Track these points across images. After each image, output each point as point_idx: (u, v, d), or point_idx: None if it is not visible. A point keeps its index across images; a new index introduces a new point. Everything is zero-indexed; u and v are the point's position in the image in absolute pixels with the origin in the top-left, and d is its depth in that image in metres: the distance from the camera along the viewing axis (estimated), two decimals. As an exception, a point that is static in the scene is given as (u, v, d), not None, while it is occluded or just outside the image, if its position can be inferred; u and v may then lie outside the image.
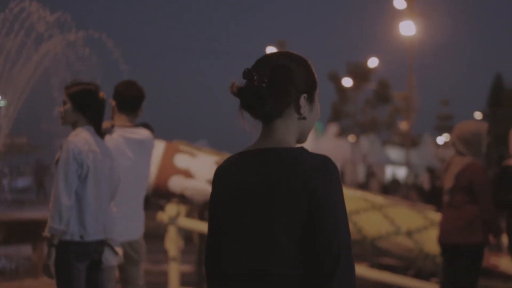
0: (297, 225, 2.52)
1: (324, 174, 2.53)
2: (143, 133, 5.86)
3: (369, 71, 46.24)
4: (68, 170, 4.92)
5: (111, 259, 5.17)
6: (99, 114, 5.20)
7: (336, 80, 48.64)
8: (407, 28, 32.77)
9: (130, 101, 5.83)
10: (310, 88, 2.67)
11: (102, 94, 5.20)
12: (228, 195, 2.65)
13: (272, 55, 2.69)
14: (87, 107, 5.14)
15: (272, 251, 2.53)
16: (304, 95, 2.64)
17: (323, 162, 2.54)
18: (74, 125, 5.16)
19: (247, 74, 2.60)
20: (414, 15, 32.41)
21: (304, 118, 2.66)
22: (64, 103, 5.17)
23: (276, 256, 2.53)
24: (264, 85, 2.58)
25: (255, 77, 2.58)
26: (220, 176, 2.71)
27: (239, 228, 2.61)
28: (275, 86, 2.59)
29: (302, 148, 2.62)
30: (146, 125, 5.98)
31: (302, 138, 2.72)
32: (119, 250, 5.23)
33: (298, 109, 2.63)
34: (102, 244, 5.09)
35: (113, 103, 5.84)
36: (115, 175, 5.35)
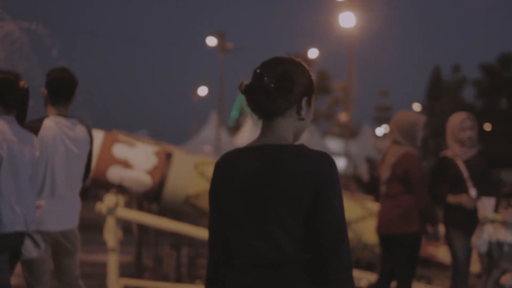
0: (303, 213, 2.77)
1: (325, 167, 2.82)
2: (78, 130, 5.77)
3: (309, 62, 46.41)
4: None
5: (32, 251, 5.10)
6: (20, 104, 5.11)
7: (277, 71, 48.49)
8: (347, 20, 32.96)
9: (62, 89, 5.72)
10: (310, 92, 2.96)
11: (22, 83, 5.10)
12: (234, 187, 2.86)
13: (279, 59, 2.96)
14: (5, 97, 5.04)
15: (283, 239, 2.77)
16: (306, 97, 2.94)
17: (324, 157, 2.83)
18: None
19: (258, 74, 2.89)
20: (353, 7, 32.61)
21: (302, 119, 2.94)
22: None
23: (286, 243, 2.77)
24: (272, 85, 2.85)
25: (265, 78, 2.86)
26: (223, 170, 2.93)
27: (249, 218, 2.82)
28: (282, 87, 2.87)
29: (303, 144, 2.88)
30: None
31: (296, 138, 2.99)
32: (41, 242, 5.17)
33: (299, 110, 2.92)
34: (22, 235, 5.01)
35: (45, 91, 5.75)
36: (41, 164, 5.29)
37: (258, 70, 2.91)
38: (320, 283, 2.78)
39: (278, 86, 2.86)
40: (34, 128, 5.44)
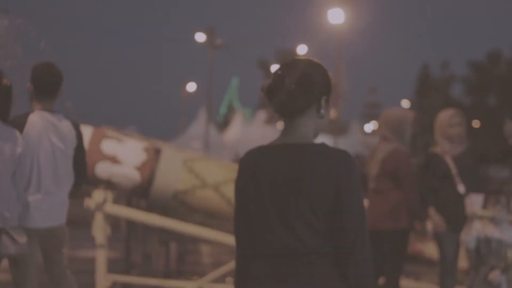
0: (325, 209, 2.92)
1: (345, 164, 2.95)
2: (63, 125, 5.75)
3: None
4: None
5: (9, 247, 5.08)
6: (3, 101, 5.10)
7: (265, 67, 48.83)
8: (336, 16, 32.94)
9: (47, 84, 5.70)
10: (328, 91, 3.10)
11: (5, 80, 5.10)
12: (259, 184, 3.00)
13: (299, 61, 3.10)
14: None
15: (305, 231, 2.92)
16: (325, 96, 3.07)
17: (344, 155, 2.97)
18: None
19: (279, 76, 3.03)
20: (342, 3, 32.59)
21: (321, 117, 3.08)
22: None
23: (309, 237, 2.92)
24: (293, 86, 2.98)
25: (286, 79, 3.00)
26: (248, 167, 3.06)
27: (273, 213, 2.96)
28: (303, 87, 3.01)
29: (324, 143, 3.03)
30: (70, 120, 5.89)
31: (316, 135, 3.12)
32: (21, 238, 5.15)
33: (318, 109, 3.06)
34: None
35: (31, 86, 5.73)
36: (26, 160, 5.29)
37: (279, 72, 3.04)
38: (341, 274, 2.95)
39: (299, 87, 2.99)
40: (19, 123, 5.43)
